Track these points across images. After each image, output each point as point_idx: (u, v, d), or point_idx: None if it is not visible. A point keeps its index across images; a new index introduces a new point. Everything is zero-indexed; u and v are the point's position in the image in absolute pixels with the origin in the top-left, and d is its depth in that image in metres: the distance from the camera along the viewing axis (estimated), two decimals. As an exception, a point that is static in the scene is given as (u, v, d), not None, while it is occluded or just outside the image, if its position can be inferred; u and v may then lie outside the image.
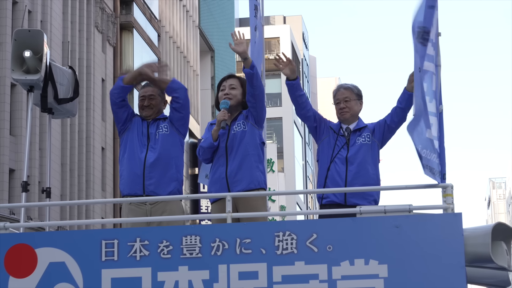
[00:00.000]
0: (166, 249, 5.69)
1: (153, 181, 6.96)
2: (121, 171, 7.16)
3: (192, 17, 45.68)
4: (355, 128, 7.22)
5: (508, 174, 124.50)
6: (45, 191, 8.07)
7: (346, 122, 7.27)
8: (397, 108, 7.19)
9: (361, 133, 7.19)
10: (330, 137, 7.21)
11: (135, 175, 6.99)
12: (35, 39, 7.85)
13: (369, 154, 7.14)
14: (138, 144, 7.08)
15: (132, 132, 7.15)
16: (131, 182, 7.00)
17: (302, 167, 64.66)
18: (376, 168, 7.20)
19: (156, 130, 7.13)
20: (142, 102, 7.24)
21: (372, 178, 7.09)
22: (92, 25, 32.24)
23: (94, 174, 31.24)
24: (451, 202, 5.74)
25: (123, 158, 7.15)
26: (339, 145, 7.16)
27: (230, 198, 5.98)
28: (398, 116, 7.19)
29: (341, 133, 7.21)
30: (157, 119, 7.21)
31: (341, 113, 7.27)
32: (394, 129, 7.25)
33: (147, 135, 7.12)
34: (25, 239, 5.83)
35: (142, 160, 7.01)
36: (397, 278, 5.50)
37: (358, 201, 6.90)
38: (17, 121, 26.20)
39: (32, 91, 7.92)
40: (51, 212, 26.62)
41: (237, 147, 6.96)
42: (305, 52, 70.91)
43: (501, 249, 5.71)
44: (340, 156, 7.10)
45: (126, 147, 7.13)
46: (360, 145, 7.14)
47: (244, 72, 6.93)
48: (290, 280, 5.56)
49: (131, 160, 7.05)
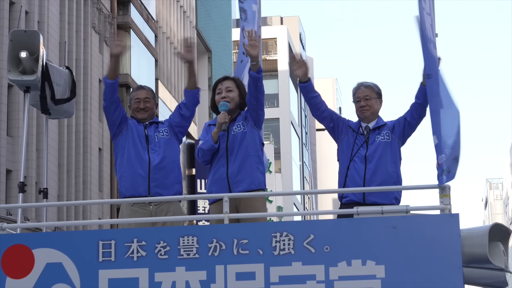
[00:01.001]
0: (163, 250, 5.68)
1: (158, 182, 6.96)
2: (121, 172, 7.09)
3: (189, 17, 45.69)
4: (374, 126, 7.17)
5: (505, 175, 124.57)
6: (42, 191, 8.06)
7: (365, 121, 7.23)
8: (416, 104, 7.13)
9: (380, 131, 7.14)
10: (349, 136, 7.17)
11: (140, 176, 6.97)
12: (31, 40, 7.85)
13: (388, 152, 7.07)
14: (139, 146, 7.06)
15: (130, 134, 7.12)
16: (135, 183, 6.97)
17: (299, 167, 64.66)
18: (397, 166, 7.11)
19: (154, 133, 7.13)
20: (137, 105, 7.23)
21: (391, 176, 7.02)
22: (89, 25, 32.23)
23: (91, 175, 31.23)
24: (448, 203, 5.74)
25: (123, 160, 7.09)
26: (358, 144, 7.12)
27: (228, 198, 5.98)
28: (418, 112, 7.13)
29: (360, 131, 7.17)
30: (153, 122, 7.21)
31: (361, 111, 7.23)
32: (415, 126, 7.18)
33: (145, 137, 7.11)
34: (22, 240, 5.82)
35: (146, 161, 7.00)
36: (394, 279, 5.50)
37: (378, 200, 6.88)
38: (14, 121, 26.19)
39: (29, 92, 7.92)
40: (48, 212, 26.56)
41: (238, 148, 6.97)
42: (302, 52, 70.91)
43: (498, 249, 5.71)
44: (359, 155, 7.05)
45: (125, 149, 7.09)
46: (379, 143, 7.09)
47: (250, 74, 6.94)
48: (287, 281, 5.56)
49: (134, 161, 7.02)
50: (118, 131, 7.17)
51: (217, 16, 50.75)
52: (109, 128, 7.25)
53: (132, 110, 7.28)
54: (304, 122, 70.09)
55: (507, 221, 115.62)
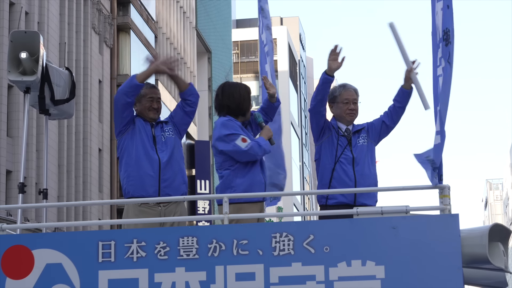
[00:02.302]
0: (163, 250, 5.68)
1: (168, 183, 6.93)
2: (128, 172, 6.98)
3: (189, 18, 45.68)
4: (356, 129, 7.25)
5: (505, 175, 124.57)
6: (42, 192, 8.06)
7: (346, 123, 7.28)
8: (396, 107, 7.21)
9: (359, 134, 7.22)
10: (332, 136, 7.20)
11: (149, 176, 6.91)
12: (31, 41, 7.85)
13: (369, 155, 7.20)
14: (148, 146, 7.01)
15: (138, 133, 7.05)
16: (144, 184, 6.90)
17: (299, 168, 64.68)
18: (375, 168, 7.26)
19: (161, 133, 7.09)
20: (150, 104, 7.15)
21: (375, 177, 7.20)
22: (89, 26, 32.24)
23: (91, 175, 31.24)
24: (448, 203, 5.73)
25: (130, 159, 7.00)
26: (342, 145, 7.15)
27: (227, 199, 5.98)
28: (398, 115, 7.22)
29: (340, 133, 7.21)
30: (160, 121, 7.17)
31: (349, 114, 7.27)
32: (391, 129, 7.28)
33: (153, 137, 7.06)
34: (22, 241, 5.82)
35: (156, 161, 6.95)
36: (394, 279, 5.50)
37: (367, 201, 6.97)
38: (14, 122, 26.20)
39: (29, 93, 7.92)
40: (48, 213, 26.60)
41: None
42: (302, 53, 70.95)
43: (498, 250, 5.71)
44: (346, 157, 7.10)
45: (133, 148, 7.00)
46: (362, 146, 7.19)
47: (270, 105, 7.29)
48: (287, 281, 5.55)
49: (143, 161, 6.95)
50: (125, 129, 7.06)
51: (217, 16, 50.77)
52: (117, 124, 7.12)
53: (143, 108, 7.15)
54: (304, 123, 70.12)
55: (507, 221, 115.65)
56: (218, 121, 7.04)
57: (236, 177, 6.92)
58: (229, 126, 6.94)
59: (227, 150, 6.89)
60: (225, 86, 7.20)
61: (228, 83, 7.29)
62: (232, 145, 6.87)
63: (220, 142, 6.93)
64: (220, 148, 6.93)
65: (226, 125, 6.95)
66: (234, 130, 6.92)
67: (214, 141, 7.02)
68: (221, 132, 6.93)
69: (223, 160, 6.96)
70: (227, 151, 6.90)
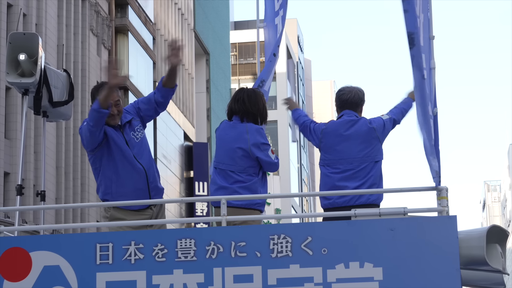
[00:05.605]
0: (161, 252, 5.68)
1: (155, 191, 6.82)
2: (116, 190, 6.73)
3: (187, 20, 45.70)
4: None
5: (503, 177, 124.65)
6: (40, 194, 8.07)
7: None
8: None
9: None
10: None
11: (140, 191, 6.74)
12: (30, 42, 7.86)
13: None
14: (127, 155, 6.73)
15: (113, 144, 6.72)
16: (137, 198, 6.69)
17: (297, 170, 64.68)
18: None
19: (131, 135, 6.81)
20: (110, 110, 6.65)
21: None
22: (87, 28, 32.24)
23: (89, 177, 31.22)
24: (446, 205, 5.73)
25: (116, 176, 6.72)
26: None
27: (225, 201, 5.98)
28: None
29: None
30: (126, 122, 6.83)
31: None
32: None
33: (125, 143, 6.76)
34: (20, 243, 5.82)
35: (141, 171, 6.74)
36: (392, 281, 5.50)
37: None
38: (12, 124, 26.20)
39: (27, 94, 7.93)
40: (46, 215, 26.62)
41: None
42: (300, 55, 70.96)
43: (496, 251, 5.72)
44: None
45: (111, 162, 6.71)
46: None
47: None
48: (285, 283, 5.55)
49: (129, 176, 6.72)
50: (99, 145, 6.71)
51: (215, 18, 50.79)
52: (89, 146, 6.66)
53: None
54: (302, 125, 70.05)
55: (505, 223, 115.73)
56: (252, 127, 6.95)
57: (260, 186, 6.96)
58: (264, 135, 7.00)
59: (262, 158, 6.89)
60: (250, 93, 7.09)
61: (251, 90, 7.19)
62: (265, 155, 6.90)
63: (256, 148, 6.90)
64: (256, 155, 6.90)
65: (261, 133, 6.98)
66: (266, 141, 6.99)
67: (250, 146, 6.89)
68: (258, 140, 6.92)
69: (250, 165, 6.91)
70: (261, 159, 6.90)
